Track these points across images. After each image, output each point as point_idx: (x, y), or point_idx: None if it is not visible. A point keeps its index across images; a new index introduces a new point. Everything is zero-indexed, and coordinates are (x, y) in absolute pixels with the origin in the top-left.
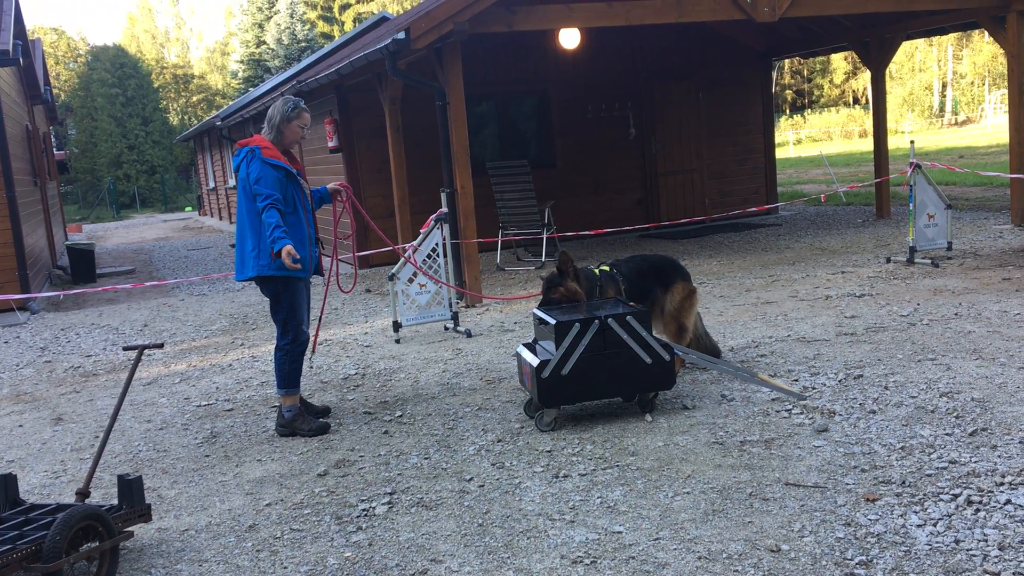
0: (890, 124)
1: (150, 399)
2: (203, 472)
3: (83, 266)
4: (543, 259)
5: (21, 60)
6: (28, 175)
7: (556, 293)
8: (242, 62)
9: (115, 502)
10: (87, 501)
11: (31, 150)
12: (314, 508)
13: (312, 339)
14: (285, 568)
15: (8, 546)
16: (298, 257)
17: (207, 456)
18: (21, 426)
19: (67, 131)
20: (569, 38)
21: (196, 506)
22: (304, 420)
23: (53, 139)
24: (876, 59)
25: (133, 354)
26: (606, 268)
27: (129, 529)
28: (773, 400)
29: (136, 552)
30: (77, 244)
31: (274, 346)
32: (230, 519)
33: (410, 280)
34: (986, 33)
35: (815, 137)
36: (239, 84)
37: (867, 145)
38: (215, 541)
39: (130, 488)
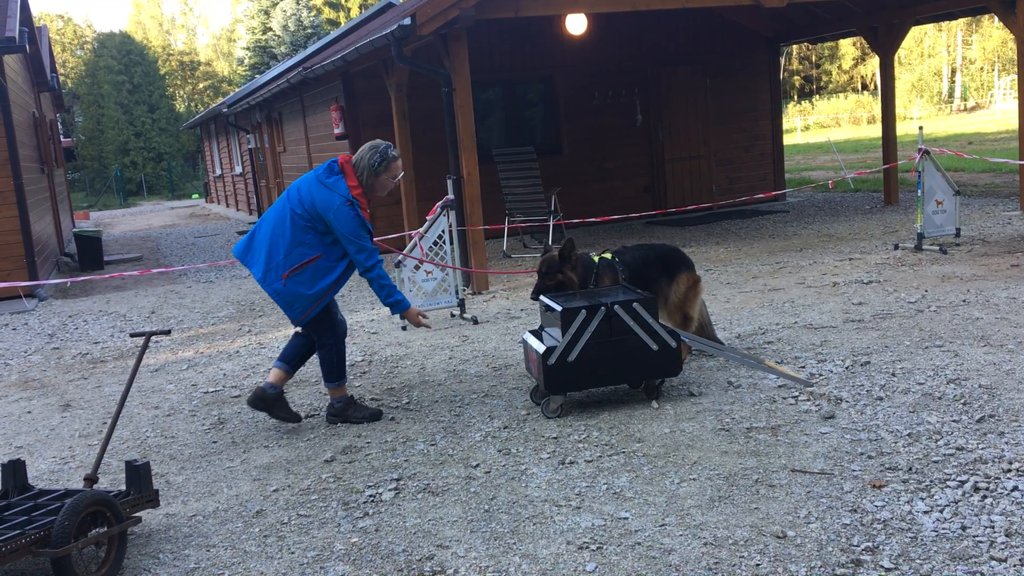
0: (899, 110)
1: (157, 386)
2: (210, 458)
3: (90, 253)
4: (550, 245)
5: (27, 47)
6: (35, 162)
7: (552, 280)
8: (248, 49)
9: (123, 488)
10: (95, 487)
11: (38, 137)
12: (321, 494)
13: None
14: (292, 553)
15: (17, 531)
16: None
17: (214, 442)
18: (29, 412)
19: (74, 118)
20: (576, 24)
21: (204, 492)
22: (356, 408)
23: (60, 126)
24: (885, 44)
25: (140, 341)
26: (607, 256)
27: (137, 515)
28: (780, 387)
29: (144, 537)
30: (84, 231)
31: (316, 344)
32: (237, 505)
33: (416, 267)
34: (996, 18)
35: (823, 123)
36: (245, 71)
37: (875, 131)
38: (223, 526)
39: (138, 474)
